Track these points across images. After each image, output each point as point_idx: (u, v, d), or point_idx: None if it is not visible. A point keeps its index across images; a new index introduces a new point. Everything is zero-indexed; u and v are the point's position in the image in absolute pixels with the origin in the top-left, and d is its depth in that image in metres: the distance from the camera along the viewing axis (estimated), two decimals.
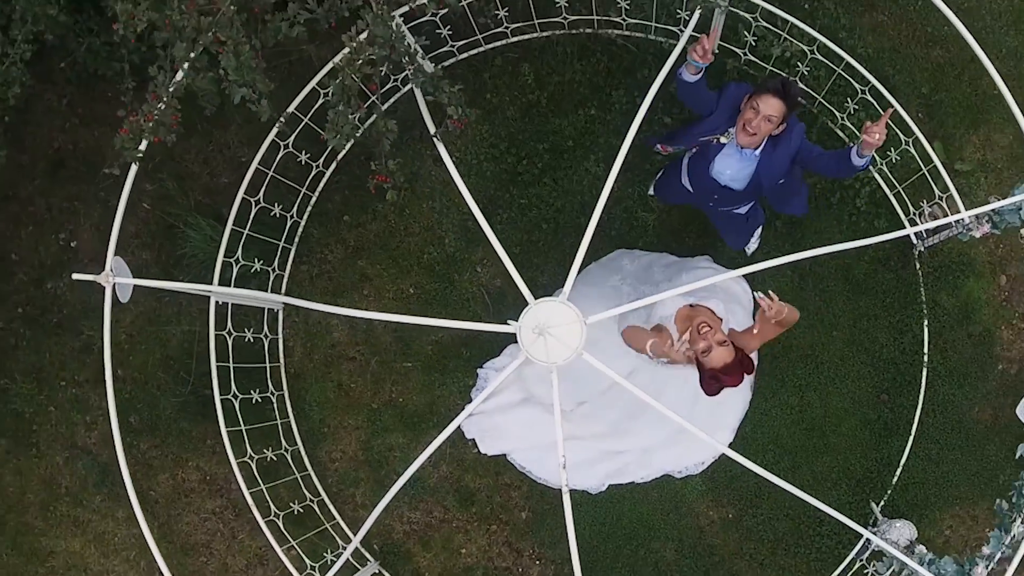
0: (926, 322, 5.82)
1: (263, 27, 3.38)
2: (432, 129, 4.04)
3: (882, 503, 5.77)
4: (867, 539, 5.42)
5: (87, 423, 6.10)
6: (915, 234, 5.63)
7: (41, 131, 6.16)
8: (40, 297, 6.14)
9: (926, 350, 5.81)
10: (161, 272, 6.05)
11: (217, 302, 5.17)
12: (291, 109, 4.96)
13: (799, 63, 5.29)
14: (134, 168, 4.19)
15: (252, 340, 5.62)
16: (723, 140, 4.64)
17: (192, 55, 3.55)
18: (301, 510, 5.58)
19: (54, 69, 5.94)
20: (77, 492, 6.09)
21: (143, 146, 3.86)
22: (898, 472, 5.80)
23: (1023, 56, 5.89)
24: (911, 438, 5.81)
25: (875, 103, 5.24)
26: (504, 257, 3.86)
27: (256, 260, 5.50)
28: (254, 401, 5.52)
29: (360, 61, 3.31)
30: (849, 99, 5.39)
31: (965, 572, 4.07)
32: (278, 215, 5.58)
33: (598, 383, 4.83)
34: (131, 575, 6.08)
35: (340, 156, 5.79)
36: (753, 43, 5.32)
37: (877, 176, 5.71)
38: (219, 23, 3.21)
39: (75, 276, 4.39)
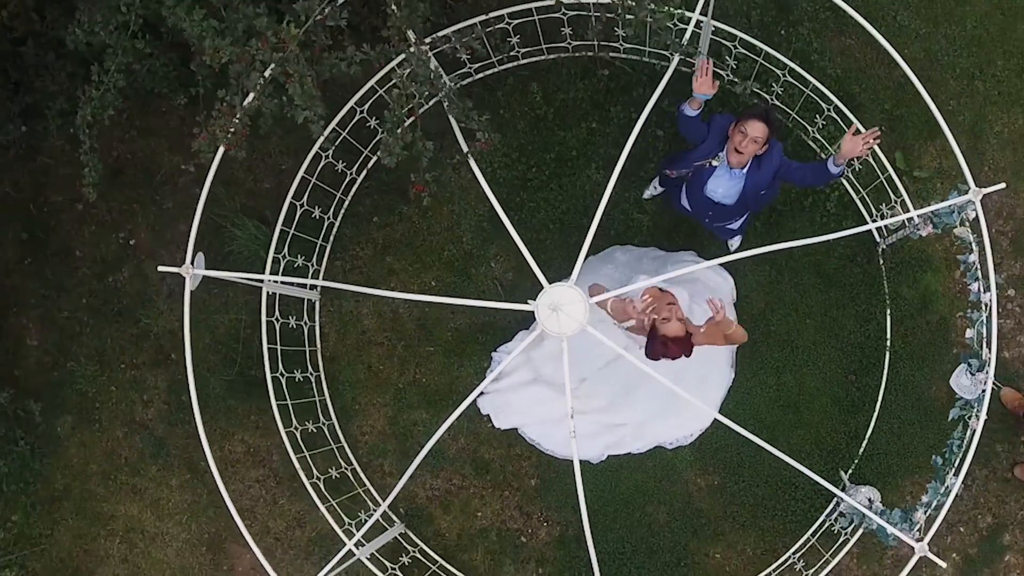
0: (889, 311, 6.58)
1: (320, 62, 4.12)
2: (465, 148, 4.80)
3: (850, 471, 6.52)
4: (838, 500, 6.18)
5: (144, 401, 6.85)
6: (877, 232, 6.39)
7: (102, 141, 6.86)
8: (102, 289, 6.89)
9: (888, 336, 6.57)
10: (210, 267, 6.77)
11: (268, 293, 5.92)
12: (332, 125, 5.71)
13: (774, 84, 6.05)
14: (211, 173, 4.94)
15: (295, 327, 6.38)
16: (714, 163, 5.44)
17: (261, 84, 4.31)
18: (337, 476, 6.34)
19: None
20: (135, 463, 6.84)
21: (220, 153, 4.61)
22: (864, 444, 6.55)
23: (975, 76, 6.65)
24: (875, 414, 6.56)
25: (839, 120, 6.00)
26: (523, 248, 4.64)
27: (298, 256, 6.26)
28: (296, 380, 6.28)
29: (405, 95, 4.06)
30: (818, 115, 6.15)
31: (908, 517, 4.83)
32: (317, 216, 6.34)
33: (597, 360, 5.59)
34: (183, 536, 6.82)
35: (370, 164, 6.55)
36: (735, 66, 6.07)
37: (845, 182, 6.47)
38: (287, 58, 3.96)
39: (160, 268, 5.16)
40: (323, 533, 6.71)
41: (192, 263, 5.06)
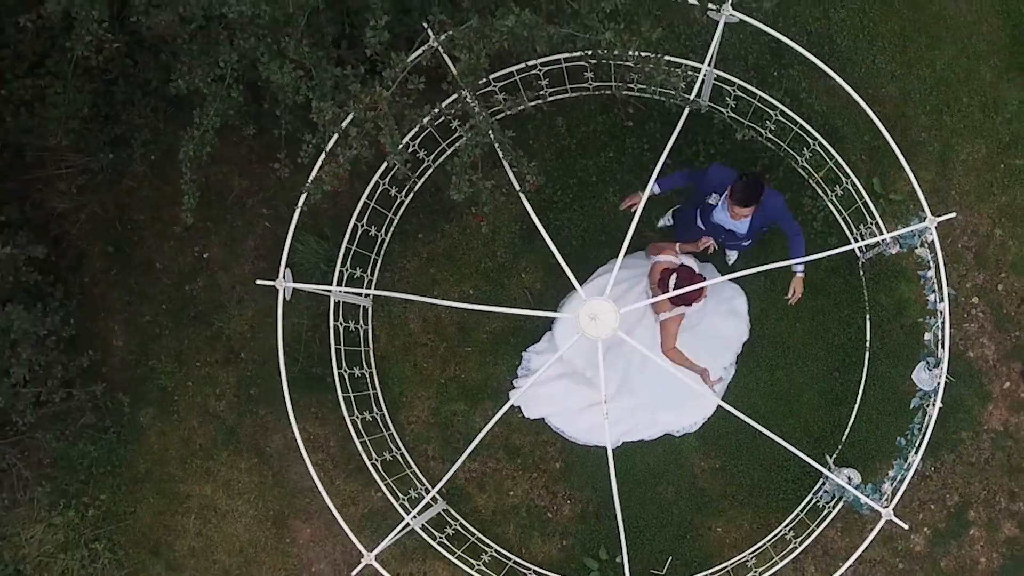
0: (868, 316, 7.54)
1: (402, 117, 5.07)
2: (517, 187, 5.79)
3: (834, 455, 7.47)
4: (823, 479, 7.14)
5: (216, 395, 7.81)
6: (858, 249, 7.35)
7: (179, 168, 7.85)
8: (179, 297, 7.86)
9: (868, 338, 7.54)
10: (274, 278, 7.75)
11: (334, 301, 6.89)
12: (393, 158, 6.67)
13: (768, 121, 7.03)
14: (299, 207, 5.90)
15: (353, 329, 7.34)
16: (711, 202, 6.32)
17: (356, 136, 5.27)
18: (389, 459, 7.29)
19: (190, 120, 7.64)
20: (208, 448, 7.80)
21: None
22: (847, 431, 7.51)
23: (943, 111, 7.62)
24: (856, 406, 7.52)
25: (822, 154, 6.97)
26: (565, 267, 5.63)
27: (356, 269, 7.22)
28: (355, 376, 7.24)
29: (472, 145, 5.03)
30: (805, 148, 7.12)
31: (877, 488, 5.80)
32: (372, 234, 7.30)
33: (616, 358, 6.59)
34: (250, 512, 7.78)
35: (416, 188, 7.52)
36: (734, 106, 7.05)
37: (829, 205, 7.43)
38: (380, 116, 4.92)
39: (258, 282, 6.15)
40: (374, 510, 7.66)
41: (284, 277, 6.00)
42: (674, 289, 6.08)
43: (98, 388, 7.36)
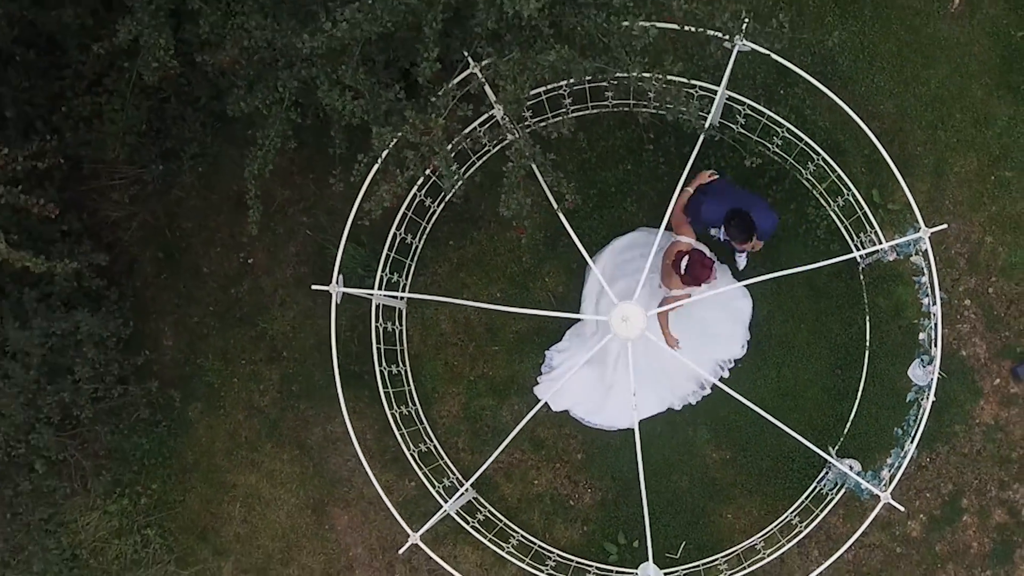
0: (867, 317, 8.10)
1: (452, 141, 5.63)
2: (556, 206, 6.36)
3: (837, 447, 8.03)
4: (827, 468, 7.71)
5: (260, 390, 8.36)
6: (857, 255, 7.90)
7: (226, 179, 8.42)
8: (225, 299, 8.41)
9: (867, 338, 8.10)
10: (315, 282, 8.26)
11: (375, 304, 7.44)
12: (426, 172, 7.22)
13: (775, 137, 7.59)
14: (348, 224, 6.46)
15: (390, 329, 7.90)
16: (712, 234, 7.12)
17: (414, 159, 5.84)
18: (424, 450, 7.85)
19: (237, 134, 8.20)
20: (253, 441, 8.35)
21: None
22: (848, 425, 8.07)
23: (938, 127, 8.18)
24: (857, 401, 8.08)
25: (825, 167, 7.54)
26: (598, 273, 6.23)
27: (394, 274, 7.77)
28: (393, 373, 7.80)
29: (518, 167, 5.59)
30: (809, 162, 7.68)
31: (876, 474, 6.37)
32: (408, 241, 7.85)
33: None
34: (292, 501, 8.33)
35: (447, 198, 8.07)
36: (743, 123, 7.61)
37: (832, 214, 7.99)
38: (433, 140, 5.47)
39: (314, 287, 6.67)
40: (408, 499, 8.21)
41: (336, 282, 6.56)
42: (685, 271, 6.70)
43: (152, 385, 7.90)
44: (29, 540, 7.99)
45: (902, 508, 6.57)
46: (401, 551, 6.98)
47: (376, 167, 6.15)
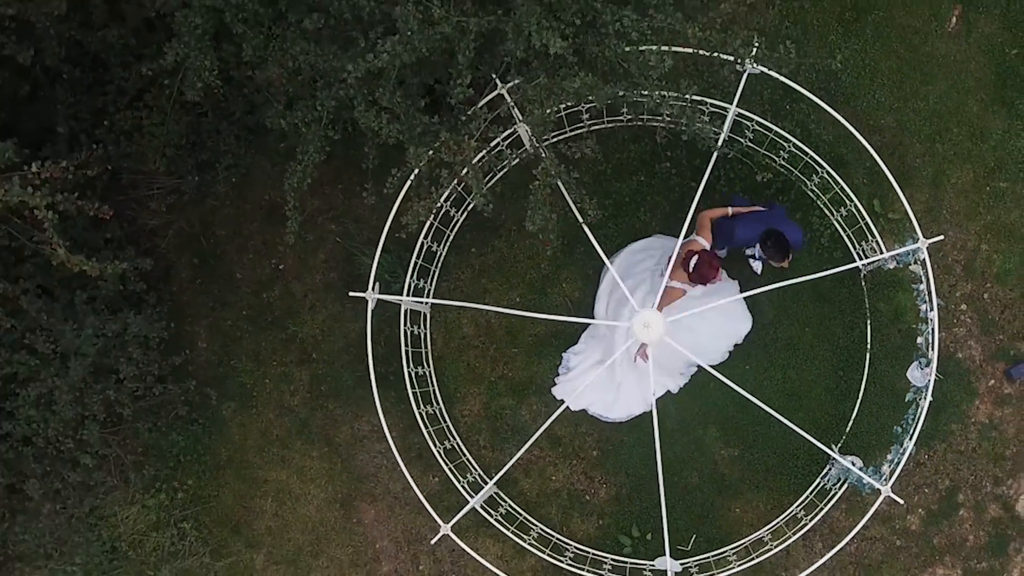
0: (868, 321, 8.52)
1: (485, 163, 6.05)
2: (581, 220, 6.78)
3: (839, 444, 8.45)
4: (830, 464, 8.13)
5: (291, 391, 8.78)
6: (858, 260, 8.34)
7: (258, 189, 8.84)
8: (258, 304, 8.83)
9: (869, 341, 8.52)
10: (343, 287, 8.71)
11: (406, 309, 7.86)
12: (452, 183, 7.64)
13: (781, 151, 8.01)
14: (383, 236, 6.87)
15: (416, 333, 8.32)
16: (748, 251, 7.58)
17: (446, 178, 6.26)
18: (448, 447, 8.27)
19: (269, 146, 8.63)
20: (284, 438, 8.77)
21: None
22: (850, 423, 8.49)
23: (935, 140, 8.60)
24: (859, 401, 8.50)
25: (829, 180, 7.96)
26: (619, 281, 6.63)
27: (420, 280, 8.20)
28: (419, 374, 8.23)
29: (544, 185, 6.02)
30: (814, 174, 8.11)
31: (877, 469, 6.80)
32: (433, 248, 8.27)
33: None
34: (321, 496, 8.75)
35: (469, 207, 8.49)
36: (751, 137, 8.03)
37: (835, 223, 8.41)
38: (467, 161, 5.89)
39: (351, 293, 7.11)
40: (431, 493, 8.62)
41: (373, 290, 6.98)
42: (693, 268, 7.21)
43: (190, 384, 8.32)
44: (72, 532, 8.43)
45: (902, 501, 7.00)
46: (433, 541, 7.41)
47: (409, 182, 6.57)
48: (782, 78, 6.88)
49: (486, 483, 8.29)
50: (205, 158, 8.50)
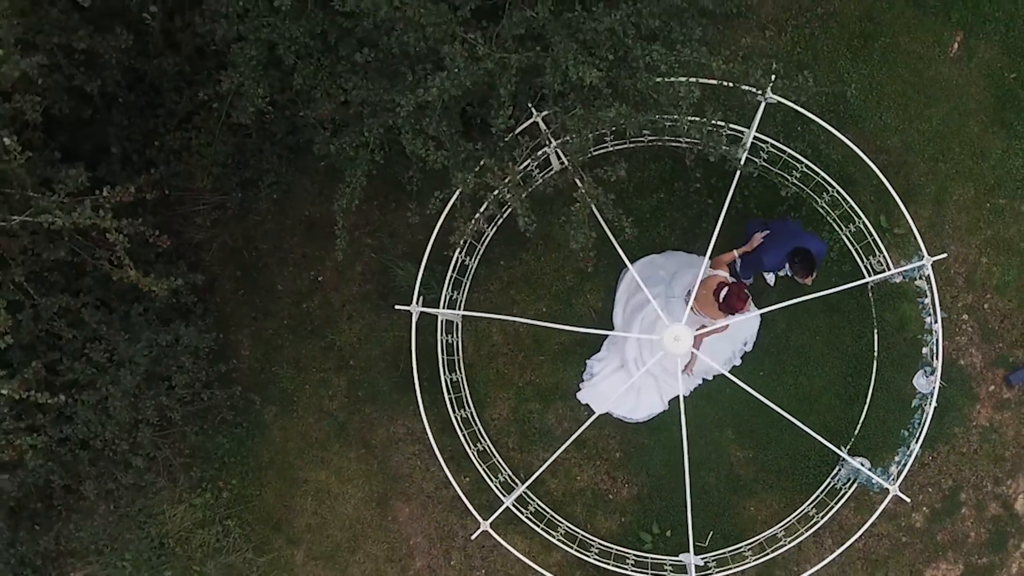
0: (876, 331, 9.02)
1: (526, 186, 6.54)
2: (614, 241, 7.28)
3: (848, 447, 8.95)
4: (840, 465, 8.63)
5: (330, 396, 9.28)
6: (866, 274, 8.84)
7: (299, 205, 9.32)
8: (298, 314, 9.32)
9: (876, 349, 9.01)
10: (379, 298, 9.20)
11: (443, 320, 8.36)
12: (487, 203, 8.13)
13: (794, 171, 8.52)
14: (427, 252, 7.38)
15: (448, 341, 8.81)
16: (766, 274, 8.05)
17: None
18: (479, 449, 8.77)
19: (308, 165, 9.12)
20: (323, 441, 9.26)
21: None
22: (858, 427, 8.98)
23: (939, 159, 9.10)
24: (866, 406, 8.98)
25: (838, 198, 8.46)
26: (649, 295, 7.11)
27: (453, 291, 8.69)
28: (453, 380, 8.73)
29: (584, 208, 6.53)
30: (824, 193, 8.61)
31: (886, 470, 7.31)
32: (465, 262, 8.76)
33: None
34: (358, 495, 9.24)
35: (499, 222, 8.99)
36: (765, 158, 8.54)
37: (844, 239, 8.91)
38: (510, 184, 6.39)
39: (397, 307, 7.61)
40: (464, 493, 9.10)
41: (416, 302, 7.48)
42: (723, 300, 7.62)
43: (236, 390, 8.81)
44: (123, 529, 8.93)
45: (908, 500, 7.49)
46: (474, 536, 7.91)
47: (452, 202, 7.08)
48: (799, 109, 7.36)
49: (516, 483, 8.79)
50: (249, 176, 8.97)
